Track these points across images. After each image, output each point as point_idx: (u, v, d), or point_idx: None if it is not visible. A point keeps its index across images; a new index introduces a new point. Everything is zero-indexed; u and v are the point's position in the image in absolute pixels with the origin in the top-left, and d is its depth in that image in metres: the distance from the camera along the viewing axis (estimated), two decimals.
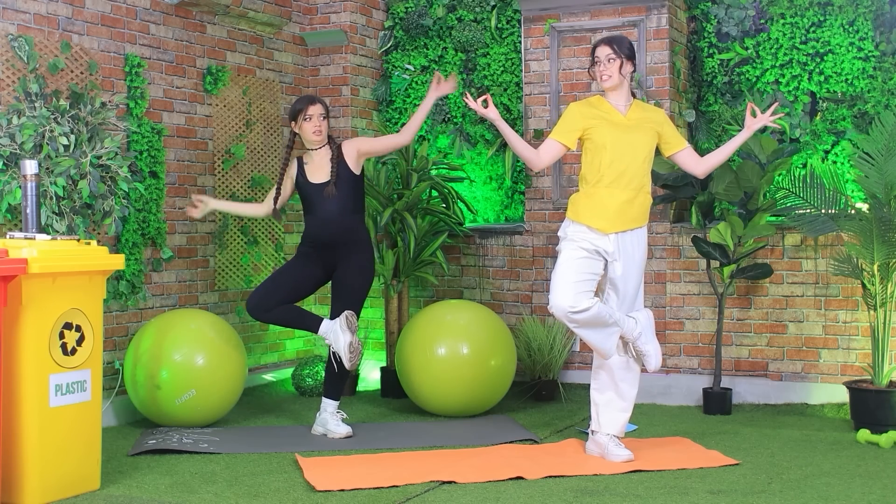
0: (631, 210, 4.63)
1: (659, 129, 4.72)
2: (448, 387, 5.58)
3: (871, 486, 4.19)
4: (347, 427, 5.21)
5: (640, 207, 4.67)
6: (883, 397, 5.20)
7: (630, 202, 4.63)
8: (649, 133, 4.67)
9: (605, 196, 4.61)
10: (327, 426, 5.22)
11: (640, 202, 4.66)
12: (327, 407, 5.28)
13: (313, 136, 5.25)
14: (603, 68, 4.67)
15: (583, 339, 4.66)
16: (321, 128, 5.24)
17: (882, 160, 5.28)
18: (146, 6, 5.81)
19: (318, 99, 5.30)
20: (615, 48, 4.66)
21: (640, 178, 4.65)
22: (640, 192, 4.65)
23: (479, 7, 6.94)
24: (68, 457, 4.12)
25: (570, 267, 4.59)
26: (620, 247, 4.64)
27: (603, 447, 4.70)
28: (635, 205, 4.64)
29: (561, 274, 4.58)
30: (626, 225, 4.63)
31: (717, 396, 5.83)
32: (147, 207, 5.75)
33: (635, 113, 4.70)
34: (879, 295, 5.32)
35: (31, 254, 3.95)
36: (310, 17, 7.02)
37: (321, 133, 5.25)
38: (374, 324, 7.03)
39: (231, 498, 4.11)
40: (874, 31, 6.02)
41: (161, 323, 5.42)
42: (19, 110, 4.98)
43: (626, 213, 4.62)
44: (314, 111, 5.23)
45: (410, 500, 4.08)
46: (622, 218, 4.62)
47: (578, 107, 4.72)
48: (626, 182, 4.61)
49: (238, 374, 5.47)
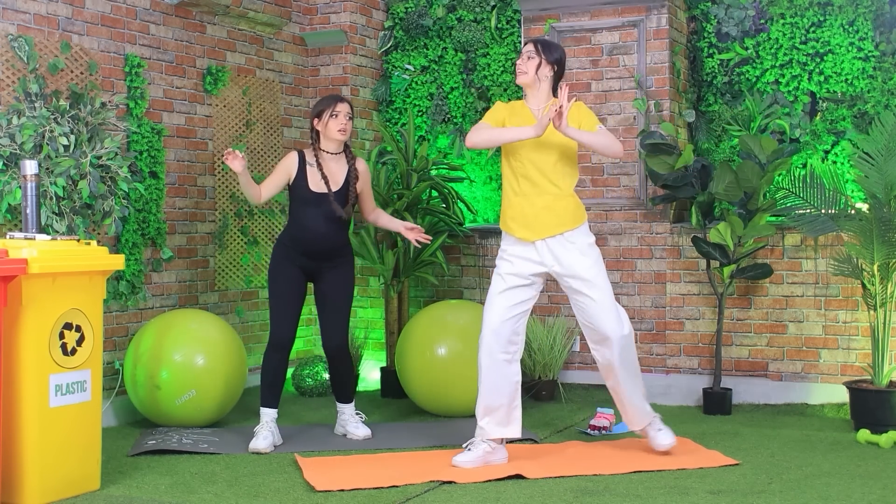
0: (551, 215, 4.55)
1: (573, 118, 4.55)
2: (448, 387, 5.58)
3: (871, 486, 4.19)
4: (367, 429, 5.19)
5: (564, 211, 4.56)
6: (883, 397, 5.20)
7: (549, 207, 4.55)
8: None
9: (524, 204, 4.57)
10: (347, 427, 5.22)
11: (563, 206, 4.56)
12: (345, 410, 5.26)
13: (338, 135, 5.04)
14: (520, 62, 4.66)
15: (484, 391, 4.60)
16: (346, 127, 5.05)
17: (882, 160, 5.28)
18: (146, 6, 5.81)
19: (345, 99, 5.14)
20: (538, 48, 4.63)
21: (557, 181, 4.56)
22: (559, 195, 4.56)
23: (479, 7, 6.94)
24: (68, 457, 4.12)
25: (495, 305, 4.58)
26: (554, 254, 4.57)
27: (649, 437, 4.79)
28: (556, 209, 4.55)
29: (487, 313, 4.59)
30: (549, 231, 4.55)
31: (717, 396, 5.83)
32: (147, 207, 5.75)
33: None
34: (879, 295, 5.31)
35: (31, 254, 3.95)
36: (310, 18, 7.02)
37: (346, 133, 5.06)
38: (374, 324, 7.03)
39: (231, 498, 4.11)
40: (874, 31, 6.02)
41: (161, 323, 5.42)
42: (19, 110, 4.98)
43: (546, 219, 4.54)
44: (342, 109, 5.04)
45: (410, 500, 4.08)
46: (543, 224, 4.54)
47: (500, 105, 4.71)
48: (542, 187, 4.55)
49: (238, 374, 5.47)
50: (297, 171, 5.06)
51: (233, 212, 6.38)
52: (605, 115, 6.28)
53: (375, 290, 6.85)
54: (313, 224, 5.02)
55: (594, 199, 6.30)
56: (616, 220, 6.29)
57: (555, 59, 4.65)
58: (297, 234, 5.06)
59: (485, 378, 4.58)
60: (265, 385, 5.09)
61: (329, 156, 5.10)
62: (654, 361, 6.18)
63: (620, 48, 6.27)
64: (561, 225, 4.56)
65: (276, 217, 6.70)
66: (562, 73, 4.72)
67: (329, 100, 5.11)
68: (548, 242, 4.57)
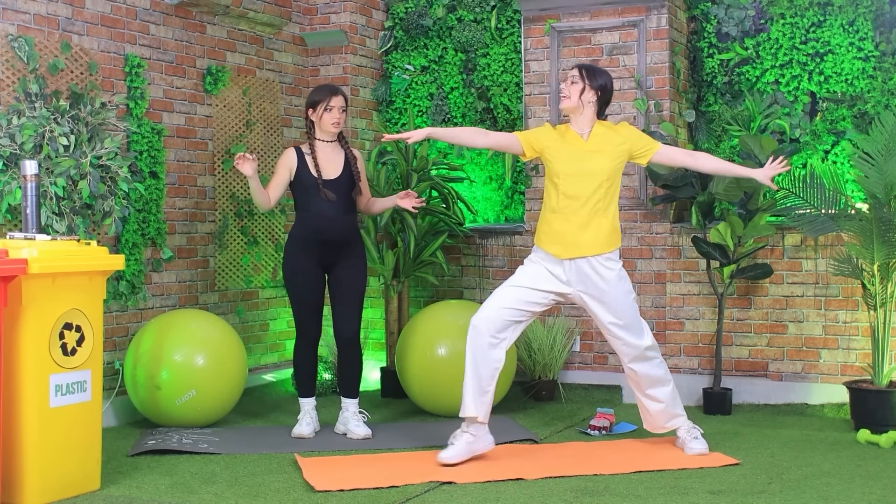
0: (585, 235, 4.61)
1: (626, 147, 4.70)
2: (448, 387, 5.58)
3: (871, 486, 4.19)
4: (367, 429, 5.21)
5: (598, 232, 4.63)
6: (883, 397, 5.20)
7: (584, 226, 4.61)
8: (609, 155, 4.65)
9: (560, 221, 4.64)
10: (348, 426, 5.24)
11: (597, 226, 4.63)
12: (349, 406, 5.29)
13: (332, 128, 5.15)
14: (563, 86, 4.74)
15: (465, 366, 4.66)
16: (341, 120, 5.16)
17: (882, 160, 5.28)
18: (146, 6, 5.81)
19: (340, 90, 5.20)
20: (582, 73, 4.69)
21: (597, 203, 4.63)
22: (595, 216, 4.62)
23: (479, 7, 6.94)
24: (68, 457, 4.12)
25: (506, 295, 4.67)
26: (579, 275, 4.64)
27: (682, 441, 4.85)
28: (590, 229, 4.62)
29: (493, 296, 4.70)
30: (581, 251, 4.61)
31: (717, 396, 5.83)
32: (147, 208, 5.75)
33: (598, 135, 4.70)
34: (879, 295, 5.31)
35: (31, 254, 3.95)
36: (310, 18, 7.02)
37: (340, 125, 5.17)
38: (374, 324, 7.03)
39: (231, 498, 4.11)
40: (874, 31, 6.01)
41: (161, 323, 5.42)
42: (19, 111, 4.98)
43: (580, 238, 4.61)
44: (336, 103, 5.13)
45: (410, 500, 4.08)
46: (576, 243, 4.61)
47: (549, 128, 4.80)
48: (580, 206, 4.61)
49: (238, 374, 5.47)
50: (298, 164, 5.16)
51: (233, 212, 6.38)
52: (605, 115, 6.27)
53: (375, 290, 6.85)
54: (322, 210, 5.11)
55: None
56: None
57: (599, 84, 4.69)
58: (308, 224, 5.14)
59: (468, 354, 4.65)
60: (301, 378, 5.32)
61: (324, 144, 5.21)
62: None
63: (620, 48, 6.27)
64: (593, 246, 4.62)
65: (276, 217, 6.69)
66: (607, 99, 4.76)
67: (324, 91, 5.17)
68: (577, 263, 4.63)
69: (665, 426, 4.88)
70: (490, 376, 4.64)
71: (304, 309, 5.22)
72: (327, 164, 5.15)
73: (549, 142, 4.72)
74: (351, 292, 5.22)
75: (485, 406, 4.65)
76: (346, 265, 5.21)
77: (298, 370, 5.32)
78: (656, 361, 4.79)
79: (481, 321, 4.64)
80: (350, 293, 5.22)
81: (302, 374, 5.31)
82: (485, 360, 4.62)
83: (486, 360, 4.62)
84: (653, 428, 4.92)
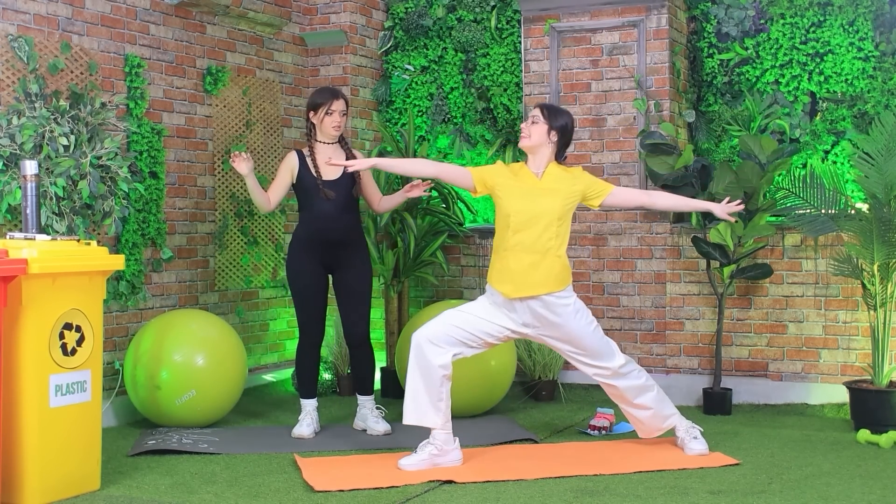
0: (537, 274, 4.57)
1: (578, 188, 4.67)
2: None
3: (871, 486, 4.19)
4: (387, 424, 5.25)
5: (549, 271, 4.58)
6: (883, 397, 5.20)
7: (535, 266, 4.57)
8: (559, 196, 4.62)
9: (513, 259, 4.60)
10: (367, 422, 5.27)
11: (548, 266, 4.58)
12: (365, 403, 5.33)
13: (332, 131, 5.17)
14: (524, 125, 4.72)
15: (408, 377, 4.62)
16: (341, 124, 5.18)
17: (882, 160, 5.28)
18: (146, 6, 5.81)
19: (341, 94, 5.22)
20: (544, 113, 4.68)
21: (548, 241, 4.59)
22: (547, 255, 4.59)
23: (479, 7, 6.94)
24: (68, 457, 4.12)
25: (457, 316, 4.64)
26: (535, 316, 4.62)
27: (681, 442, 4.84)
28: (541, 268, 4.57)
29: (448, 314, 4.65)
30: (532, 289, 4.57)
31: (717, 396, 5.83)
32: (147, 208, 5.75)
33: (552, 175, 4.67)
34: (879, 295, 5.31)
35: (31, 254, 3.95)
36: (310, 18, 7.02)
37: (340, 129, 5.19)
38: (374, 324, 7.02)
39: (231, 498, 4.11)
40: (874, 31, 6.01)
41: (161, 323, 5.42)
42: (19, 111, 4.98)
43: (531, 277, 4.57)
44: (338, 107, 5.16)
45: (410, 500, 4.08)
46: (528, 282, 4.57)
47: (502, 165, 4.78)
48: (530, 246, 4.58)
49: (238, 374, 5.47)
50: (300, 166, 5.19)
51: (233, 212, 6.38)
52: (605, 115, 6.29)
53: (376, 290, 6.84)
54: (325, 210, 5.13)
55: None
56: (616, 220, 6.29)
57: (560, 125, 4.67)
58: (310, 225, 5.17)
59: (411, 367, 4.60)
60: (303, 380, 5.32)
61: (325, 146, 5.22)
62: (654, 361, 6.18)
63: (620, 48, 6.27)
64: (544, 284, 4.58)
65: (276, 217, 6.70)
66: (567, 139, 4.74)
67: (325, 95, 5.19)
68: (529, 305, 4.61)
69: (661, 428, 4.87)
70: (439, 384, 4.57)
71: (307, 309, 5.23)
72: (327, 166, 5.15)
73: (501, 179, 4.69)
74: (357, 294, 5.24)
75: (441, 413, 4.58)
76: (350, 267, 5.22)
77: (300, 371, 5.32)
78: (634, 373, 4.77)
79: (423, 337, 4.59)
80: (357, 295, 5.24)
81: (304, 375, 5.31)
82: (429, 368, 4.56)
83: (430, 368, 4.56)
84: (649, 435, 4.91)
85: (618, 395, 4.81)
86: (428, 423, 4.57)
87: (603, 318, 6.27)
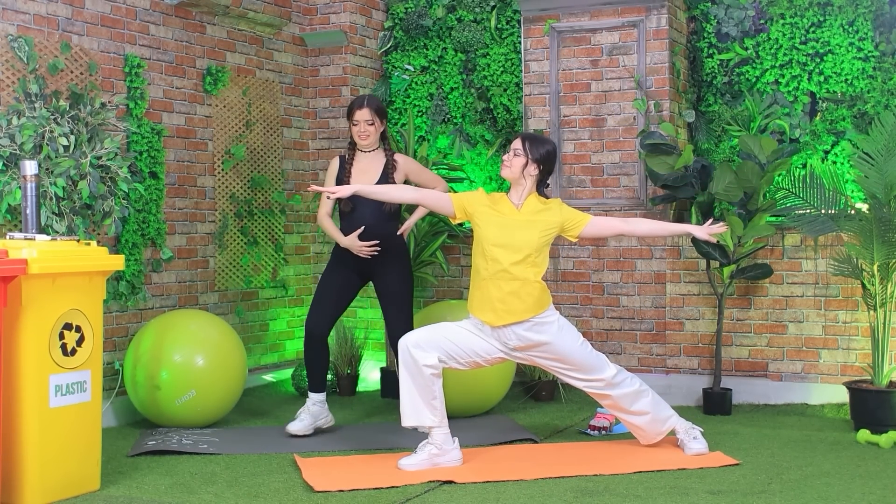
0: (517, 301, 4.58)
1: (557, 220, 4.68)
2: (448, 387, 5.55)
3: (871, 486, 4.19)
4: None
5: (528, 297, 4.59)
6: (883, 397, 5.20)
7: (515, 293, 4.58)
8: (536, 229, 4.63)
9: (492, 288, 4.61)
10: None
11: (527, 292, 4.59)
12: None
13: (359, 141, 5.20)
14: (506, 157, 4.73)
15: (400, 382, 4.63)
16: (367, 133, 5.18)
17: (882, 160, 5.28)
18: (146, 6, 5.81)
19: (367, 103, 5.19)
20: (525, 145, 4.69)
21: (524, 271, 4.60)
22: (525, 284, 4.60)
23: (478, 7, 6.94)
24: (68, 457, 4.12)
25: (449, 328, 4.67)
26: (520, 341, 4.64)
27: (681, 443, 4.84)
28: (521, 295, 4.59)
29: (438, 327, 4.68)
30: (514, 317, 4.59)
31: (717, 397, 5.83)
32: (147, 208, 5.75)
33: (529, 208, 4.68)
34: (879, 295, 5.31)
35: (31, 254, 3.95)
36: (310, 18, 7.02)
37: (366, 138, 5.19)
38: (373, 324, 7.03)
39: (231, 498, 4.11)
40: (874, 31, 6.01)
41: (161, 323, 5.42)
42: (19, 111, 4.98)
43: (511, 305, 4.59)
44: (361, 117, 5.17)
45: (410, 500, 4.08)
46: (508, 310, 4.58)
47: (483, 194, 4.78)
48: (508, 275, 4.59)
49: (238, 374, 5.47)
50: (339, 173, 5.25)
51: (233, 212, 6.38)
52: (605, 115, 6.29)
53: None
54: (360, 217, 5.15)
55: (594, 199, 6.30)
56: None
57: (541, 156, 4.68)
58: (346, 231, 5.20)
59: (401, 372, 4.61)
60: (308, 373, 5.33)
61: (364, 154, 5.25)
62: (654, 361, 6.18)
63: (620, 48, 6.27)
64: (526, 311, 4.60)
65: (276, 217, 6.70)
66: (549, 169, 4.75)
67: (351, 105, 5.26)
68: (514, 330, 4.63)
69: (661, 432, 4.86)
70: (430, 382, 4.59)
71: (316, 304, 5.24)
72: (362, 173, 5.18)
73: (480, 207, 4.70)
74: (395, 298, 5.23)
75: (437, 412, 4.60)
76: (386, 273, 5.22)
77: (306, 365, 5.35)
78: (627, 381, 4.78)
79: (410, 342, 4.60)
80: (396, 297, 5.23)
81: (307, 367, 5.33)
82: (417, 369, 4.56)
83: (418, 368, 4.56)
84: (650, 441, 4.90)
85: (613, 404, 4.81)
86: (426, 423, 4.59)
87: (603, 318, 6.28)
